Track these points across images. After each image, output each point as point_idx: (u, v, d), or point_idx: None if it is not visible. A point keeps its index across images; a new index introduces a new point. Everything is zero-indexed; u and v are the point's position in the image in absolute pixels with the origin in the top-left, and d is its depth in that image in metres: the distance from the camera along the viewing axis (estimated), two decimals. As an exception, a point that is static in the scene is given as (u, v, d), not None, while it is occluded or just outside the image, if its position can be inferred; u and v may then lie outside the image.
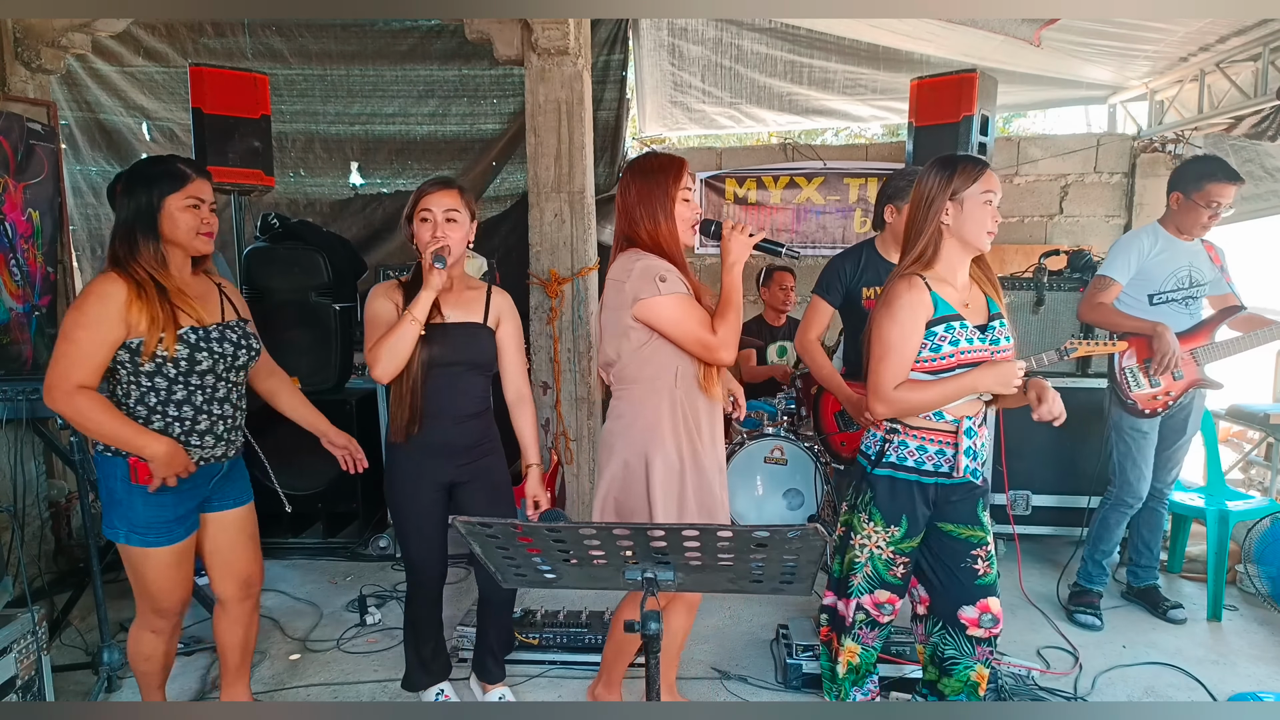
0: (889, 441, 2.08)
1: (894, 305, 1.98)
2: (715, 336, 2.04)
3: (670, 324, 2.03)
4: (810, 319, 3.02)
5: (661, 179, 2.07)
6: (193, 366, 2.03)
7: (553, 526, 1.30)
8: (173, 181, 2.01)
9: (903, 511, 2.07)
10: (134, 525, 2.05)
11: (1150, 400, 3.11)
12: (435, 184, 2.24)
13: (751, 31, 5.13)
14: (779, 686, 2.77)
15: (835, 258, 3.06)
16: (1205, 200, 2.98)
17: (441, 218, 2.20)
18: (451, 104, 5.42)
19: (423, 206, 2.21)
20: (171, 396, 2.03)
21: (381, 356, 2.14)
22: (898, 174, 3.01)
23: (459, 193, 2.25)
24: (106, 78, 5.28)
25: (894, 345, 1.97)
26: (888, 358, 1.98)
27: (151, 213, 1.99)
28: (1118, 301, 3.13)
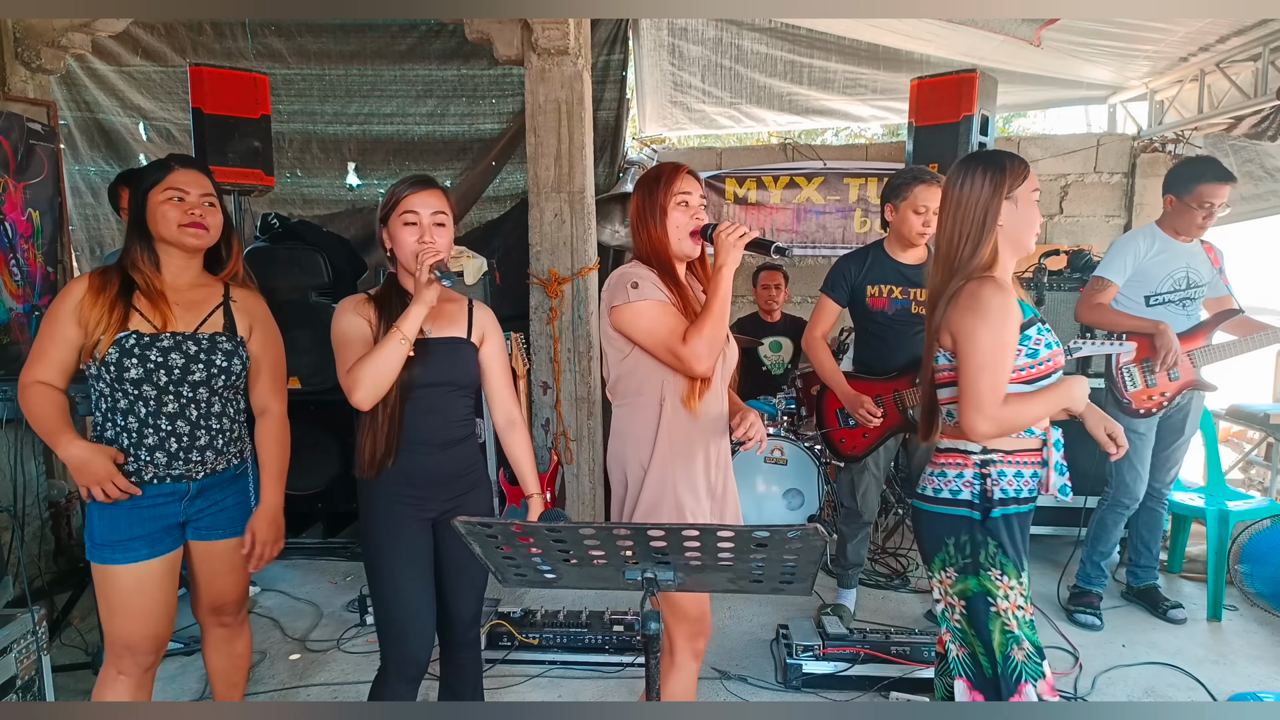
0: (988, 476, 1.80)
1: (987, 310, 1.72)
2: (686, 347, 1.87)
3: (641, 333, 1.93)
4: (817, 317, 3.12)
5: (653, 187, 1.99)
6: (121, 374, 1.86)
7: (553, 526, 1.30)
8: (153, 174, 1.92)
9: (1022, 554, 1.82)
10: (93, 539, 1.90)
11: (1145, 400, 3.11)
12: (418, 183, 1.95)
13: (751, 31, 5.13)
14: (779, 686, 2.77)
15: (843, 257, 3.12)
16: (1198, 202, 2.98)
17: (429, 221, 1.92)
18: (450, 104, 5.42)
19: (406, 209, 1.91)
20: (116, 404, 1.89)
21: (363, 379, 1.84)
22: (897, 174, 3.04)
23: (444, 193, 1.99)
24: (104, 77, 5.27)
25: (994, 355, 1.73)
26: (989, 369, 1.72)
27: (139, 210, 1.92)
28: (1114, 303, 3.13)
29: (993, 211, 1.80)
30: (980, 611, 1.80)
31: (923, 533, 1.91)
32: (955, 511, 1.82)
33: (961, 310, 1.76)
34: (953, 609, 1.86)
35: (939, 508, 1.85)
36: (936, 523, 1.86)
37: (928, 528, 1.88)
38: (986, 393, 1.72)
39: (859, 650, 2.73)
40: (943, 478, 1.85)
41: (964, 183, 1.82)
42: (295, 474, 4.25)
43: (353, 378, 1.86)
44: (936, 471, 1.87)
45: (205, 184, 1.96)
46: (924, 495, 1.89)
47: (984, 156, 1.86)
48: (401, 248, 1.93)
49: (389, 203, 1.95)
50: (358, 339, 1.93)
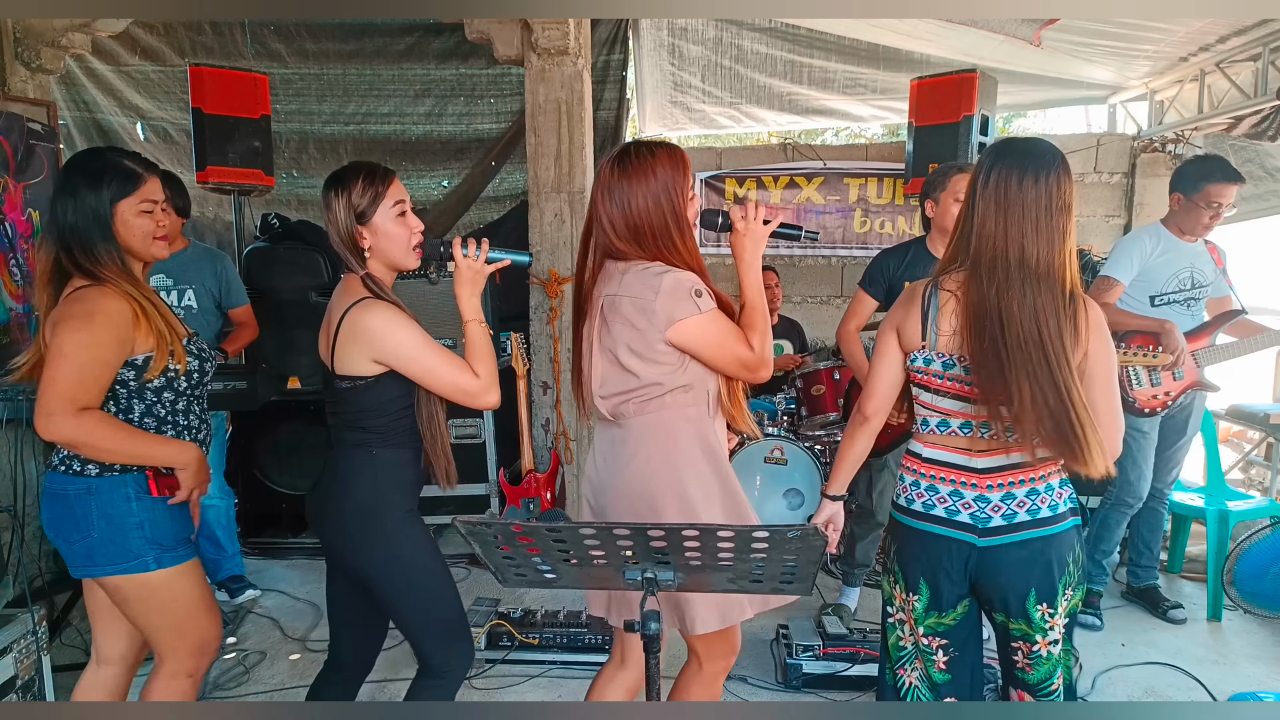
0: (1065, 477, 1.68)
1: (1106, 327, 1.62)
2: (754, 353, 1.75)
3: (711, 345, 1.73)
4: (853, 310, 3.09)
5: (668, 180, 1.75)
6: (202, 378, 1.92)
7: (553, 526, 1.30)
8: (124, 183, 1.79)
9: None
10: (164, 543, 1.81)
11: (1150, 400, 3.11)
12: (386, 171, 1.83)
13: (751, 31, 5.13)
14: (779, 686, 2.77)
15: (883, 252, 3.11)
16: (1205, 201, 2.98)
17: (409, 207, 1.85)
18: (448, 103, 5.41)
19: (397, 198, 1.81)
20: (175, 408, 1.88)
21: (493, 374, 1.79)
22: (933, 171, 3.02)
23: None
24: (103, 77, 5.27)
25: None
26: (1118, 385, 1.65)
27: (104, 218, 1.78)
28: (1119, 302, 3.14)
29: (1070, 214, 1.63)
30: (1073, 619, 1.69)
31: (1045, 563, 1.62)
32: (1070, 524, 1.65)
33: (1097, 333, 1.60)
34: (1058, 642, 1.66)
35: (1059, 526, 1.64)
36: (1060, 544, 1.63)
37: (1055, 553, 1.62)
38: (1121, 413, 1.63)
39: (859, 650, 2.73)
40: (1051, 491, 1.64)
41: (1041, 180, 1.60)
42: (295, 474, 4.27)
43: (486, 379, 1.77)
44: (1043, 486, 1.64)
45: (161, 189, 1.88)
46: (1041, 519, 1.62)
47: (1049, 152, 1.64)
48: (395, 240, 1.81)
49: (367, 198, 1.78)
50: (436, 344, 1.76)
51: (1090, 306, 1.60)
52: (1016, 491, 1.63)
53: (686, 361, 1.75)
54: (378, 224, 1.79)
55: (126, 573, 1.78)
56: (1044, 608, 1.63)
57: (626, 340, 1.75)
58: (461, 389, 1.75)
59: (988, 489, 1.64)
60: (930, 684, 1.77)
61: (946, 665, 1.74)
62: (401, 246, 1.81)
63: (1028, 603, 1.63)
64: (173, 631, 1.86)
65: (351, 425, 1.79)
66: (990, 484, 1.64)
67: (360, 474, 1.79)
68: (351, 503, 1.78)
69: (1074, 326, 1.57)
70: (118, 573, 1.79)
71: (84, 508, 1.78)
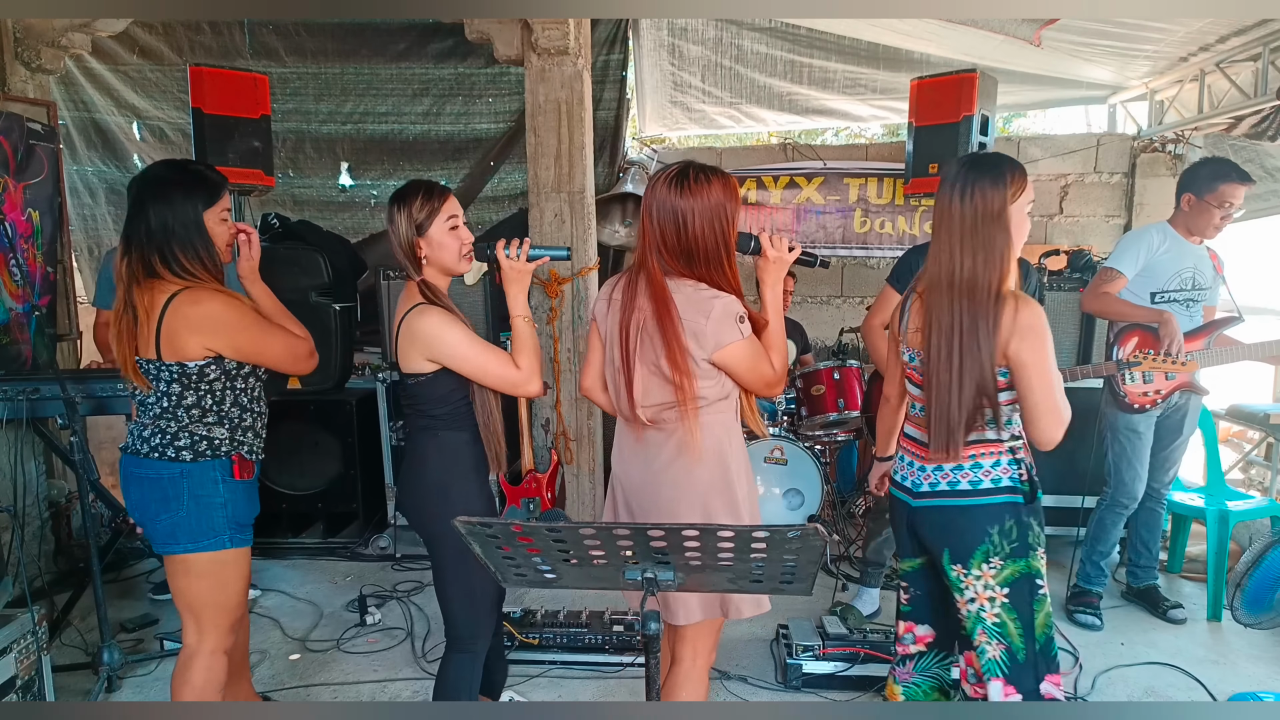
0: (1020, 460, 1.86)
1: (1041, 329, 1.76)
2: (776, 371, 1.91)
3: (745, 367, 1.86)
4: (879, 306, 3.08)
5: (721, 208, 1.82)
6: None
7: (553, 526, 1.30)
8: (210, 194, 2.04)
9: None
10: (240, 524, 2.07)
11: (1140, 396, 3.11)
12: (443, 190, 2.06)
13: (751, 31, 5.13)
14: (779, 686, 2.77)
15: (912, 249, 3.12)
16: (1218, 201, 2.99)
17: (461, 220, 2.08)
18: (446, 103, 5.39)
19: (450, 213, 2.01)
20: (255, 394, 2.15)
21: (536, 366, 2.03)
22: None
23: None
24: (100, 76, 5.25)
25: (1055, 368, 1.79)
26: (1059, 383, 1.78)
27: (200, 224, 2.02)
28: (1120, 296, 3.13)
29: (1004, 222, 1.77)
30: (1026, 593, 1.85)
31: (958, 529, 1.86)
32: (999, 499, 1.83)
33: (1023, 333, 1.75)
34: (993, 602, 1.85)
35: (981, 499, 1.84)
36: (979, 515, 1.84)
37: (968, 522, 1.85)
38: (1064, 405, 1.79)
39: (859, 650, 2.73)
40: (978, 469, 1.85)
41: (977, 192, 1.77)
42: (295, 474, 4.27)
43: (527, 370, 2.01)
44: (971, 464, 1.85)
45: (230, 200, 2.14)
46: (959, 490, 1.85)
47: (986, 164, 1.80)
48: (447, 250, 2.02)
49: (425, 211, 1.99)
50: (481, 339, 2.00)
51: (1021, 309, 1.76)
52: (946, 465, 1.87)
53: (723, 378, 1.88)
54: (433, 236, 2.00)
55: (207, 550, 2.02)
56: (958, 568, 1.86)
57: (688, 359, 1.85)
58: (507, 380, 2.00)
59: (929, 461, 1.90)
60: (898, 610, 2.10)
61: (909, 600, 2.06)
62: (453, 255, 2.03)
63: (944, 560, 1.88)
64: (222, 608, 2.09)
65: (420, 414, 2.05)
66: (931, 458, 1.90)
67: (429, 453, 2.05)
68: (425, 478, 2.05)
69: (996, 331, 1.76)
70: (198, 549, 2.02)
71: (176, 489, 2.00)
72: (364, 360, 4.50)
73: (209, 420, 2.04)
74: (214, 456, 2.04)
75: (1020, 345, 1.76)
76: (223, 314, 1.99)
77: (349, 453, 4.11)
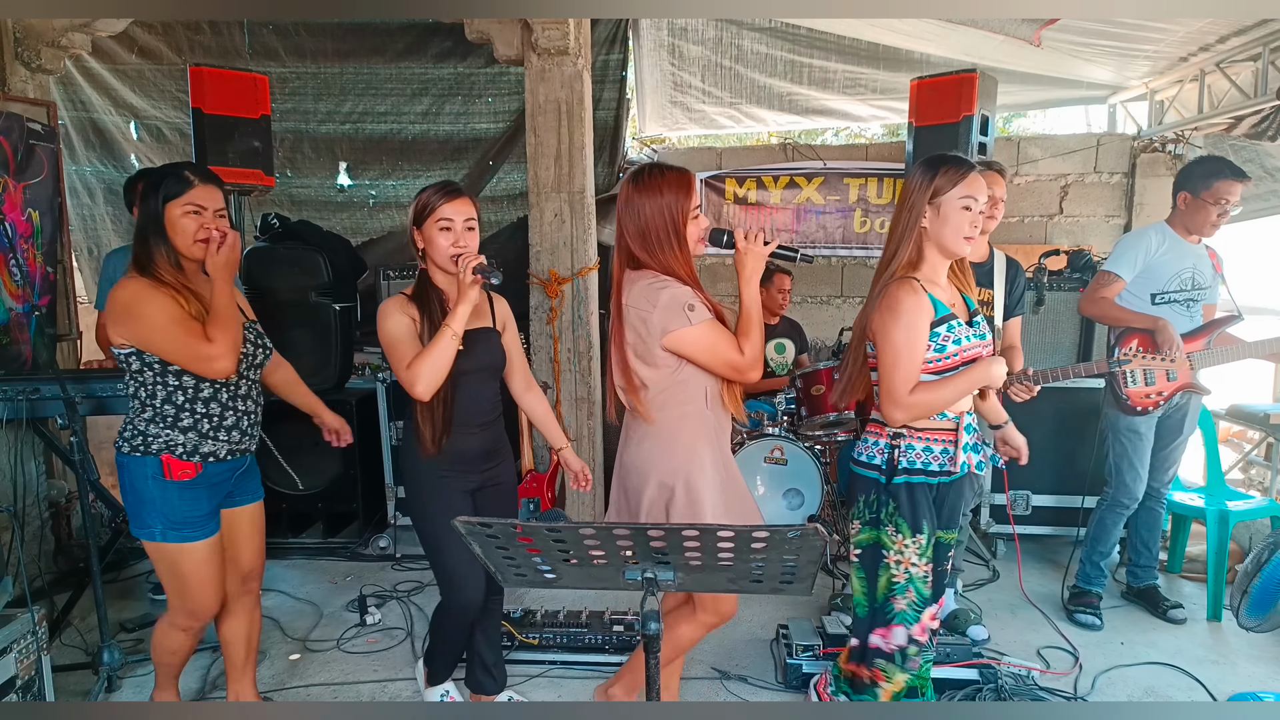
0: (896, 448, 2.04)
1: (898, 310, 1.96)
2: (744, 357, 2.02)
3: (703, 353, 2.00)
4: None
5: (673, 199, 2.00)
6: (252, 360, 2.24)
7: (553, 526, 1.30)
8: (174, 186, 2.07)
9: (923, 518, 2.04)
10: (171, 521, 2.11)
11: (1142, 398, 3.11)
12: (450, 191, 2.18)
13: (751, 31, 5.13)
14: (779, 686, 2.77)
15: None
16: (1214, 198, 2.99)
17: (462, 227, 2.16)
18: (445, 102, 5.38)
19: (441, 216, 2.15)
20: (199, 394, 2.13)
21: (423, 373, 2.07)
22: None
23: (472, 200, 2.23)
24: (98, 76, 5.25)
25: (904, 350, 1.96)
26: (900, 364, 1.97)
27: (158, 218, 2.06)
28: (1119, 299, 3.13)
29: (916, 214, 1.99)
30: (871, 560, 2.11)
31: (851, 488, 2.19)
32: (868, 474, 2.11)
33: (881, 310, 2.00)
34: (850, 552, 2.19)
35: (859, 469, 2.14)
36: (857, 481, 2.15)
37: (853, 484, 2.16)
38: (899, 385, 1.98)
39: (859, 650, 2.73)
40: (864, 444, 2.14)
41: (907, 181, 2.04)
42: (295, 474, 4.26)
43: (413, 373, 2.08)
44: (863, 439, 2.15)
45: (220, 198, 2.14)
46: (854, 458, 2.17)
47: (932, 158, 2.01)
48: (437, 250, 2.17)
49: (423, 209, 2.16)
50: (406, 337, 2.15)
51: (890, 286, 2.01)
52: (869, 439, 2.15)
53: (683, 364, 2.03)
54: (425, 231, 2.17)
55: (144, 538, 2.14)
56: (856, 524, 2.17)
57: (633, 344, 2.05)
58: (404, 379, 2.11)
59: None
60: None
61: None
62: (441, 255, 2.16)
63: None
64: (175, 592, 2.21)
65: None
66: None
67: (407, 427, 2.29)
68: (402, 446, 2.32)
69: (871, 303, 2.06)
70: (140, 536, 2.14)
71: (125, 479, 2.13)
72: (364, 360, 4.50)
73: (145, 415, 2.11)
74: (144, 453, 2.10)
75: (880, 317, 2.00)
76: (130, 304, 2.01)
77: (349, 453, 4.10)
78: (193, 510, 2.13)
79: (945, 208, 1.96)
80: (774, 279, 4.75)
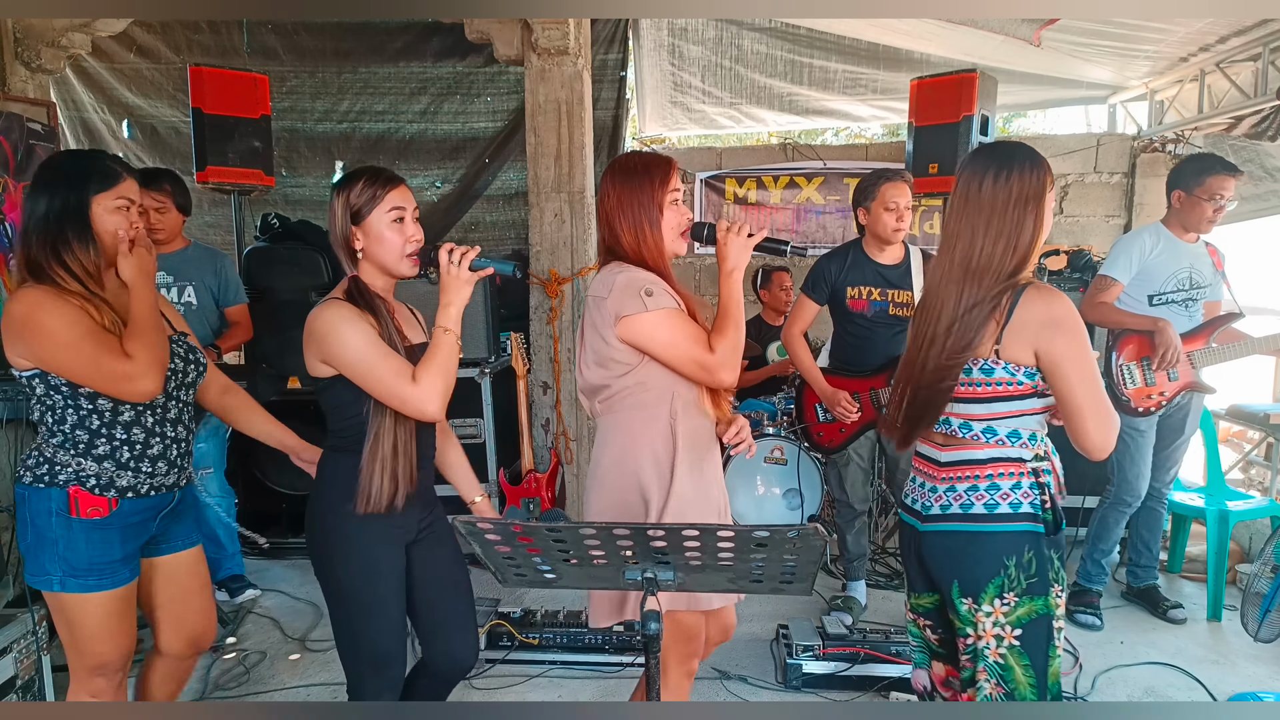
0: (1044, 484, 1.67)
1: (1079, 322, 1.59)
2: (714, 356, 1.78)
3: (661, 344, 1.77)
4: (796, 315, 3.22)
5: (645, 181, 1.82)
6: (184, 378, 1.89)
7: (553, 526, 1.30)
8: (102, 180, 1.78)
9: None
10: (73, 567, 1.75)
11: (1144, 399, 3.11)
12: (392, 178, 1.80)
13: (751, 31, 5.13)
14: (779, 686, 2.76)
15: (823, 257, 3.22)
16: (1208, 194, 2.99)
17: (412, 216, 1.80)
18: (444, 102, 5.37)
19: (393, 205, 1.76)
20: (118, 418, 1.80)
21: (438, 387, 1.68)
22: (862, 179, 3.13)
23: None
24: (94, 75, 5.25)
25: (1096, 366, 1.61)
26: (1100, 382, 1.61)
27: (82, 212, 1.75)
28: (1118, 302, 3.13)
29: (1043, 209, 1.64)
30: (1042, 636, 1.63)
31: (971, 558, 1.64)
32: (1018, 527, 1.63)
33: (1054, 326, 1.58)
34: (1000, 640, 1.63)
35: (999, 525, 1.63)
36: (995, 543, 1.63)
37: (981, 550, 1.63)
38: (1109, 405, 1.60)
39: (859, 650, 2.73)
40: (996, 490, 1.64)
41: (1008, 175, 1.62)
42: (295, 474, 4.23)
43: (425, 390, 1.67)
44: (987, 485, 1.64)
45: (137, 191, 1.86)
46: (973, 515, 1.64)
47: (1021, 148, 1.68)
48: (387, 246, 1.77)
49: (363, 199, 1.76)
50: (380, 347, 1.70)
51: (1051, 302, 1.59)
52: (959, 486, 1.67)
53: (643, 362, 1.81)
54: (371, 226, 1.76)
55: (39, 588, 1.78)
56: (969, 601, 1.64)
57: (590, 341, 1.85)
58: (396, 396, 1.67)
59: (941, 480, 1.70)
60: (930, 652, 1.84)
61: (940, 642, 1.79)
62: (393, 252, 1.77)
63: (952, 593, 1.66)
64: (75, 651, 1.83)
65: (324, 425, 1.81)
66: (943, 476, 1.69)
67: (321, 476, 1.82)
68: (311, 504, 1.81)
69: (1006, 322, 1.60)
70: (35, 585, 1.78)
71: (22, 515, 1.78)
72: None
73: (54, 441, 1.78)
74: (49, 484, 1.76)
75: (1052, 341, 1.57)
76: (30, 318, 1.68)
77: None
78: (101, 555, 1.77)
79: (1047, 206, 1.68)
80: (774, 278, 4.75)
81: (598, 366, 1.84)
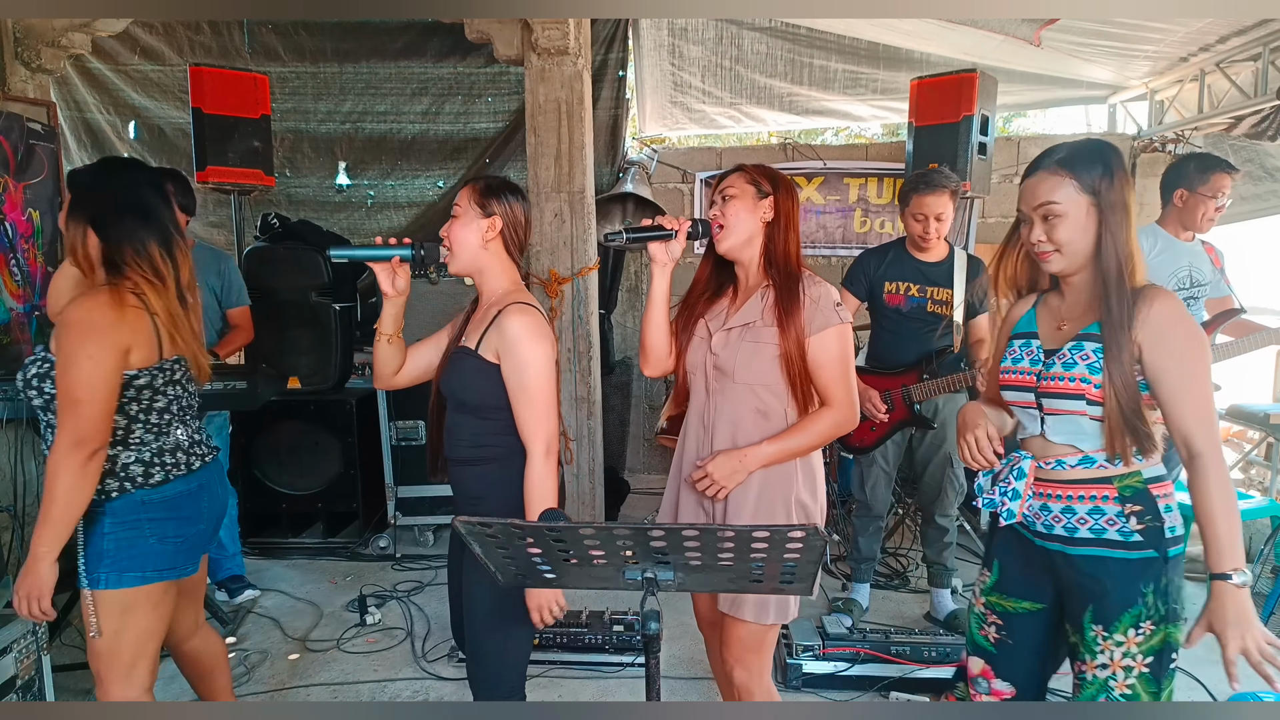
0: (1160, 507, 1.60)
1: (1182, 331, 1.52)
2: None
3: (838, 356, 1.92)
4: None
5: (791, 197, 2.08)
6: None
7: (553, 526, 1.30)
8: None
9: None
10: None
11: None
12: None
13: (751, 31, 5.13)
14: (779, 686, 2.76)
15: (865, 252, 3.23)
16: (1212, 192, 3.00)
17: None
18: (445, 102, 5.38)
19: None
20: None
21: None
22: (909, 180, 3.11)
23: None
24: (97, 76, 5.25)
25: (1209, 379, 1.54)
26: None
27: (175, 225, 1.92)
28: None
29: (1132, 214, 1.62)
30: (1165, 668, 1.55)
31: (1111, 585, 1.55)
32: (1140, 555, 1.56)
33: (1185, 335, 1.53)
34: (1129, 672, 1.54)
35: (1139, 552, 1.56)
36: (1136, 571, 1.55)
37: (1122, 578, 1.55)
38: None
39: (859, 650, 2.73)
40: (1101, 516, 1.58)
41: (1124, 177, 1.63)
42: (295, 474, 4.27)
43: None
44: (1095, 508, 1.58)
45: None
46: (1112, 540, 1.57)
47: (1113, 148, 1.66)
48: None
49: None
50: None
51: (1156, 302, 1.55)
52: (1077, 507, 1.58)
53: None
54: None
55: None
56: (1098, 629, 1.55)
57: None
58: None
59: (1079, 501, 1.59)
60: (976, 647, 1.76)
61: (997, 643, 1.72)
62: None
63: (1084, 619, 1.57)
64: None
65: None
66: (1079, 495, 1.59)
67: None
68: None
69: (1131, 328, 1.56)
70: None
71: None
72: (364, 360, 4.50)
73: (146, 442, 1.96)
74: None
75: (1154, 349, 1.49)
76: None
77: (349, 453, 4.11)
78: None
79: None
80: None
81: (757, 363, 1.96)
